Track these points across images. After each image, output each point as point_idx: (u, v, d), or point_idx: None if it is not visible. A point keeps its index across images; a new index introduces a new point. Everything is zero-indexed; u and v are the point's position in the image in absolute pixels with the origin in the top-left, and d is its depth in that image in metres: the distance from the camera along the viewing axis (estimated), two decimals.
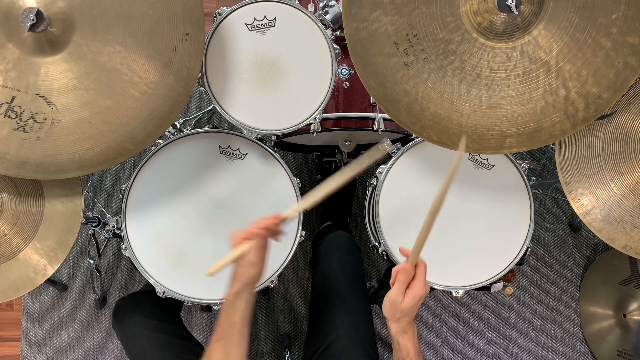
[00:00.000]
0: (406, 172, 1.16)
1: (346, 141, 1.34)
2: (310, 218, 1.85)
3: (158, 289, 1.12)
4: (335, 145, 1.48)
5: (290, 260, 1.16)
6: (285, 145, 1.51)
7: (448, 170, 0.75)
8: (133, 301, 1.26)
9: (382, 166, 1.17)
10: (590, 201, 1.06)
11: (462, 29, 0.89)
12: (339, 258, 1.26)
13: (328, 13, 1.17)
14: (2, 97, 0.90)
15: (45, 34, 0.88)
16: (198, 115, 1.85)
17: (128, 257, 1.13)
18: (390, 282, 0.88)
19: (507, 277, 1.19)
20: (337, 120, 1.25)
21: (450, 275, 1.14)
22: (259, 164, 1.18)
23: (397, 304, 0.85)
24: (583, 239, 1.90)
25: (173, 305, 1.32)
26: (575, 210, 1.07)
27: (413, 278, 0.85)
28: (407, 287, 0.85)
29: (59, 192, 1.08)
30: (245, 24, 1.10)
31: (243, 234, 0.87)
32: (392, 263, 1.15)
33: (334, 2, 1.17)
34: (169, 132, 1.28)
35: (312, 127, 1.17)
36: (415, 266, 0.85)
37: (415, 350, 0.89)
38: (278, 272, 1.15)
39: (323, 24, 1.12)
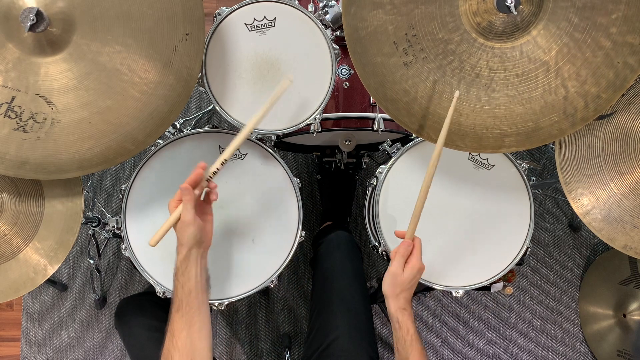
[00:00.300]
0: (406, 172, 1.16)
1: (346, 141, 1.34)
2: (310, 218, 1.85)
3: (158, 289, 1.12)
4: (335, 145, 1.48)
5: (290, 260, 1.16)
6: (285, 145, 1.51)
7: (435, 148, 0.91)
8: (135, 302, 1.26)
9: (382, 166, 1.17)
10: (590, 201, 1.07)
11: (462, 29, 0.89)
12: (340, 258, 1.26)
13: (328, 13, 1.17)
14: (2, 97, 0.90)
15: (45, 34, 0.88)
16: (198, 115, 1.85)
17: (128, 257, 1.13)
18: (391, 263, 0.96)
19: (507, 277, 1.19)
20: (337, 120, 1.25)
21: (450, 275, 1.14)
22: (259, 164, 1.18)
23: (398, 276, 0.92)
24: (583, 239, 1.90)
25: None
26: (575, 210, 1.07)
27: (410, 253, 0.94)
28: (406, 261, 0.93)
29: (59, 192, 1.08)
30: (245, 24, 1.10)
31: (174, 198, 0.92)
32: None
33: (334, 2, 1.17)
34: (169, 132, 1.28)
35: (312, 127, 1.17)
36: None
37: (415, 329, 0.91)
38: (278, 272, 1.15)
39: (323, 24, 1.12)
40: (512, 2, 0.84)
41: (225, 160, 0.95)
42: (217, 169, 0.95)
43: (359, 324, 1.15)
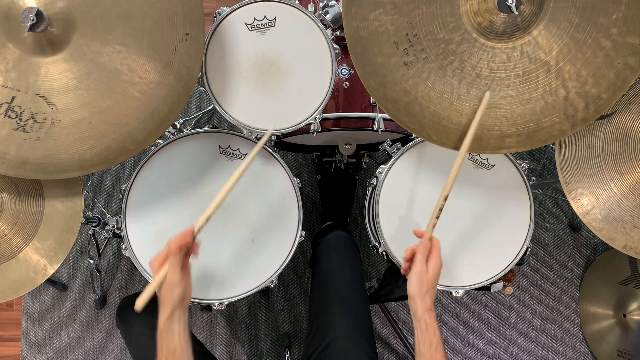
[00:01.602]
0: (406, 172, 1.16)
1: (346, 144, 1.34)
2: (310, 218, 1.85)
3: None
4: (336, 145, 1.48)
5: (290, 260, 1.16)
6: (285, 145, 1.51)
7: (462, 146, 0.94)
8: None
9: (382, 166, 1.17)
10: (590, 201, 1.07)
11: (462, 29, 0.89)
12: (337, 258, 1.26)
13: (328, 13, 1.17)
14: (2, 97, 0.90)
15: (45, 34, 0.88)
16: (198, 115, 1.85)
17: (128, 257, 1.13)
18: (405, 257, 0.96)
19: (507, 277, 1.19)
20: (337, 120, 1.25)
21: (450, 275, 1.14)
22: (259, 164, 1.18)
23: (423, 274, 0.92)
24: (583, 239, 1.90)
25: None
26: (575, 210, 1.07)
27: (430, 252, 0.95)
28: (427, 260, 0.94)
29: (59, 192, 1.08)
30: (245, 23, 1.10)
31: (159, 258, 0.87)
32: (392, 263, 1.15)
33: (334, 2, 1.17)
34: (169, 132, 1.28)
35: (312, 127, 1.17)
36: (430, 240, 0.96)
37: (439, 332, 0.92)
38: (278, 272, 1.15)
39: (323, 24, 1.12)
40: (513, 2, 0.84)
41: (209, 216, 0.91)
42: (202, 225, 0.90)
43: (358, 323, 1.15)
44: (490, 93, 0.92)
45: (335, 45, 1.11)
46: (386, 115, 1.21)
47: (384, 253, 1.16)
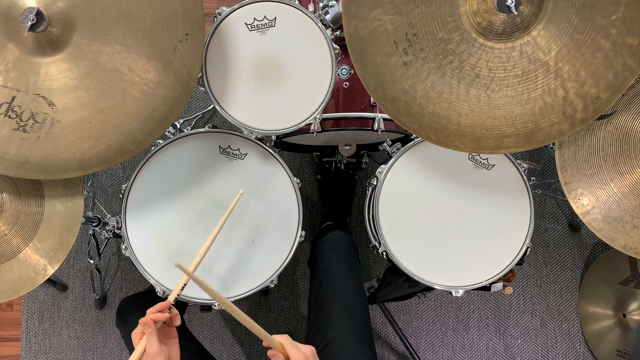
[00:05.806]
0: (406, 172, 1.17)
1: (346, 145, 1.34)
2: (310, 218, 1.85)
3: (158, 289, 1.12)
4: (336, 145, 1.48)
5: (291, 260, 1.16)
6: (285, 145, 1.51)
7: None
8: (137, 300, 1.26)
9: (382, 166, 1.17)
10: (590, 201, 1.07)
11: (462, 29, 0.89)
12: (335, 258, 1.26)
13: (328, 13, 1.17)
14: (2, 97, 0.90)
15: (45, 34, 0.88)
16: (198, 115, 1.85)
17: (128, 257, 1.13)
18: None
19: (507, 277, 1.19)
20: (337, 120, 1.25)
21: (450, 275, 1.14)
22: (259, 164, 1.18)
23: None
24: (583, 239, 1.90)
25: (176, 307, 1.33)
26: (575, 210, 1.07)
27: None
28: None
29: (59, 192, 1.08)
30: (245, 24, 1.10)
31: (137, 330, 0.88)
32: (392, 263, 1.15)
33: (334, 2, 1.17)
34: (169, 132, 1.28)
35: (312, 127, 1.17)
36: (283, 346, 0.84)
37: None
38: (278, 272, 1.15)
39: (323, 24, 1.12)
40: (512, 2, 0.84)
41: (184, 284, 0.94)
42: (178, 294, 0.93)
43: (356, 323, 1.15)
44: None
45: (335, 45, 1.11)
46: (386, 115, 1.21)
47: (384, 253, 1.16)
